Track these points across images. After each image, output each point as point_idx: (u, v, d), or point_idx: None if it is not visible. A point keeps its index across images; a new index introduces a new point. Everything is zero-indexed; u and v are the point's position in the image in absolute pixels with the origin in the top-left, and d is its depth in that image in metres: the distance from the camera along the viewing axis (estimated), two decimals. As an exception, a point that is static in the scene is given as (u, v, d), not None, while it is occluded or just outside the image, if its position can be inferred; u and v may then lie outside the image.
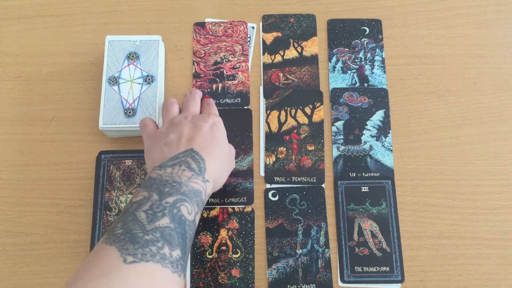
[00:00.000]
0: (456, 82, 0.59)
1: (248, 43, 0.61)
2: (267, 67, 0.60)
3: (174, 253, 0.37)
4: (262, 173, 0.55)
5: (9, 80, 0.59)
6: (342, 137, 0.57)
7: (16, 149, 0.56)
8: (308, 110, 0.58)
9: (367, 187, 0.55)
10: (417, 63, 0.60)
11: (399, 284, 0.51)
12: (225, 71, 0.59)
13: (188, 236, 0.39)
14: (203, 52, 0.60)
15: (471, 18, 0.61)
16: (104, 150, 0.55)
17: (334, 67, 0.60)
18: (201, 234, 0.53)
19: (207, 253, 0.52)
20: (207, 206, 0.54)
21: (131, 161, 0.55)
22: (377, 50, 0.60)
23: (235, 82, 0.59)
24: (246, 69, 0.59)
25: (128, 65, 0.55)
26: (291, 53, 0.60)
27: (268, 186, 0.55)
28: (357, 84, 0.59)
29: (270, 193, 0.55)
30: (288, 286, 0.51)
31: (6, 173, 0.55)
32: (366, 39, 0.61)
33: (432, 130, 0.57)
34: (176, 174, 0.42)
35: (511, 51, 0.60)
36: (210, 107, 0.51)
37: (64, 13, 0.61)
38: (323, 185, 0.55)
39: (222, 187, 0.52)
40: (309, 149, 0.56)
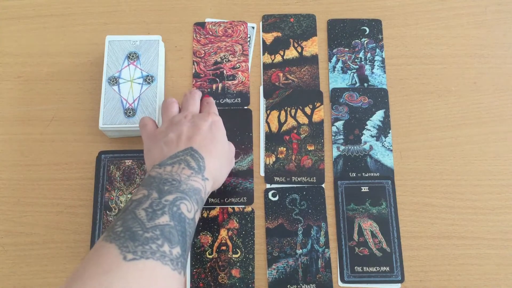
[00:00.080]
0: (456, 82, 0.59)
1: (248, 43, 0.61)
2: (267, 67, 0.60)
3: (174, 251, 0.37)
4: (262, 173, 0.55)
5: (9, 80, 0.59)
6: (342, 137, 0.57)
7: (16, 149, 0.56)
8: (308, 110, 0.58)
9: (367, 187, 0.55)
10: (417, 63, 0.60)
11: (399, 284, 0.51)
12: (225, 71, 0.59)
13: (188, 234, 0.39)
14: (203, 52, 0.60)
15: (471, 18, 0.61)
16: (104, 150, 0.55)
17: (334, 67, 0.60)
18: (201, 234, 0.53)
19: (207, 253, 0.52)
20: (207, 206, 0.54)
21: (131, 161, 0.55)
22: (377, 50, 0.60)
23: (235, 82, 0.59)
24: (246, 69, 0.59)
25: (128, 65, 0.55)
26: (291, 53, 0.60)
27: (268, 186, 0.55)
28: (357, 84, 0.59)
29: (270, 193, 0.55)
30: (288, 286, 0.51)
31: (6, 173, 0.55)
32: (366, 39, 0.61)
33: (432, 130, 0.57)
34: (176, 172, 0.42)
35: (511, 51, 0.60)
36: (209, 106, 0.52)
37: (64, 13, 0.61)
38: (323, 185, 0.55)
39: (222, 187, 0.52)
40: (309, 149, 0.56)
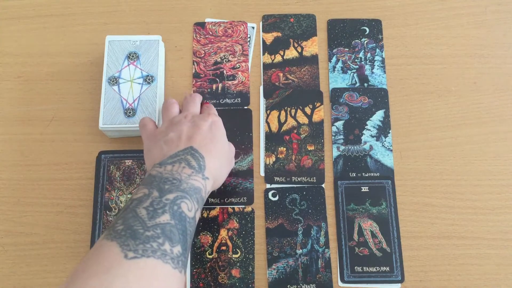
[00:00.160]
0: (456, 82, 0.59)
1: (248, 43, 0.61)
2: (267, 67, 0.60)
3: (175, 249, 0.37)
4: (262, 173, 0.55)
5: (9, 80, 0.59)
6: (342, 137, 0.57)
7: (16, 149, 0.56)
8: (308, 110, 0.58)
9: (367, 187, 0.55)
10: (417, 63, 0.60)
11: (399, 284, 0.51)
12: (225, 71, 0.59)
13: (188, 233, 0.39)
14: (203, 52, 0.60)
15: (471, 18, 0.61)
16: (104, 150, 0.55)
17: (334, 67, 0.60)
18: (201, 234, 0.53)
19: (207, 253, 0.52)
20: (207, 206, 0.54)
21: (131, 161, 0.55)
22: (377, 50, 0.60)
23: (235, 82, 0.59)
24: (246, 69, 0.59)
25: (128, 65, 0.55)
26: (291, 53, 0.60)
27: (268, 186, 0.55)
28: (357, 84, 0.59)
29: (270, 193, 0.55)
30: (288, 286, 0.51)
31: (6, 173, 0.55)
32: (366, 39, 0.61)
33: (432, 130, 0.57)
34: (176, 171, 0.42)
35: (511, 51, 0.60)
36: (209, 109, 0.52)
37: (64, 13, 0.61)
38: (323, 185, 0.55)
39: (222, 187, 0.52)
40: (309, 149, 0.56)
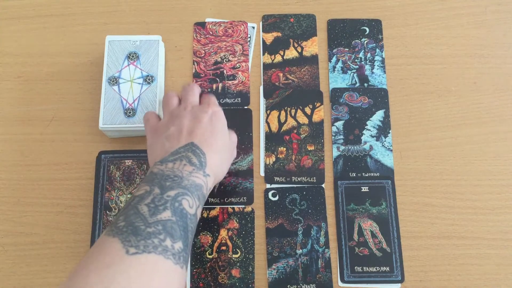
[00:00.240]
0: (456, 82, 0.59)
1: (248, 43, 0.61)
2: (267, 67, 0.60)
3: (176, 245, 0.37)
4: (262, 173, 0.55)
5: (9, 80, 0.59)
6: (342, 137, 0.57)
7: (16, 149, 0.56)
8: (308, 110, 0.58)
9: (367, 187, 0.55)
10: (417, 63, 0.60)
11: (399, 284, 0.51)
12: (225, 71, 0.59)
13: (189, 229, 0.40)
14: (203, 52, 0.60)
15: (471, 18, 0.61)
16: (104, 150, 0.55)
17: (334, 67, 0.60)
18: (201, 234, 0.53)
19: (207, 253, 0.52)
20: (207, 206, 0.54)
21: (131, 161, 0.55)
22: (377, 50, 0.60)
23: (235, 82, 0.59)
24: (246, 69, 0.59)
25: (128, 65, 0.55)
26: (291, 53, 0.60)
27: (268, 186, 0.55)
28: (357, 84, 0.59)
29: (270, 193, 0.55)
30: (288, 286, 0.51)
31: (6, 173, 0.55)
32: (366, 39, 0.61)
33: (432, 130, 0.57)
34: (177, 168, 0.42)
35: (511, 51, 0.60)
36: (209, 98, 0.51)
37: (64, 13, 0.61)
38: (323, 185, 0.55)
39: (222, 187, 0.53)
40: (309, 149, 0.56)
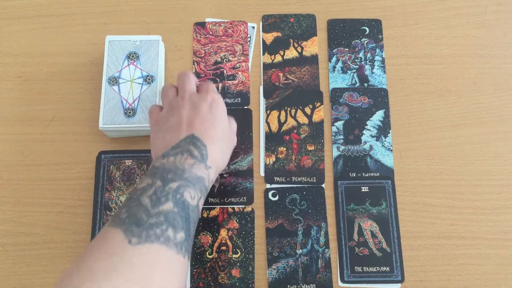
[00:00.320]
0: (456, 82, 0.59)
1: (248, 43, 0.61)
2: (267, 67, 0.60)
3: (178, 235, 0.38)
4: (262, 173, 0.55)
5: (9, 80, 0.59)
6: (342, 137, 0.57)
7: (16, 149, 0.56)
8: (308, 110, 0.58)
9: (367, 187, 0.55)
10: (417, 63, 0.60)
11: (399, 284, 0.51)
12: (225, 71, 0.59)
13: (192, 220, 0.40)
14: (203, 52, 0.60)
15: (471, 18, 0.61)
16: (104, 150, 0.55)
17: (334, 67, 0.60)
18: (201, 234, 0.53)
19: (207, 253, 0.52)
20: (207, 206, 0.54)
21: (131, 161, 0.55)
22: (377, 50, 0.60)
23: (235, 82, 0.59)
24: (246, 69, 0.59)
25: (128, 65, 0.55)
26: (291, 53, 0.60)
27: (268, 186, 0.55)
28: (357, 84, 0.59)
29: (270, 193, 0.55)
30: (288, 286, 0.51)
31: (6, 173, 0.55)
32: (366, 39, 0.61)
33: (432, 130, 0.57)
34: (179, 162, 0.42)
35: (511, 51, 0.60)
36: (207, 85, 0.49)
37: (64, 13, 0.61)
38: (323, 185, 0.55)
39: (222, 187, 0.53)
40: (309, 149, 0.56)
